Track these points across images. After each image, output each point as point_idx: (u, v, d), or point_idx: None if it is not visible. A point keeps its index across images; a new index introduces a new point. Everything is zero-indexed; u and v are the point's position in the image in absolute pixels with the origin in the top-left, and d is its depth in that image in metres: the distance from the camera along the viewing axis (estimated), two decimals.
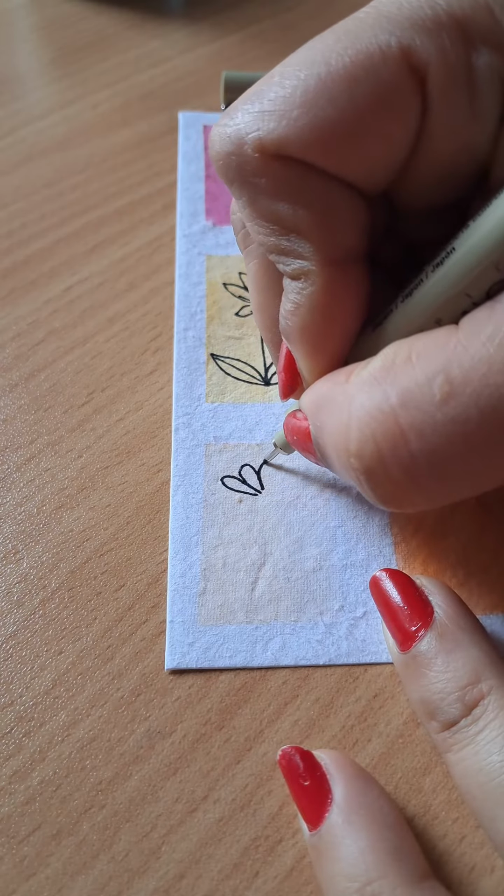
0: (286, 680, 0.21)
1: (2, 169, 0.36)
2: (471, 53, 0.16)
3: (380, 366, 0.17)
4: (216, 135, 0.18)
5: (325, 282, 0.18)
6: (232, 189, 0.19)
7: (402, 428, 0.16)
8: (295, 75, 0.17)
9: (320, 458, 0.20)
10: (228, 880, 0.18)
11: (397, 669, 0.20)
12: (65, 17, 0.46)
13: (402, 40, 0.16)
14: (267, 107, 0.17)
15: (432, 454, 0.16)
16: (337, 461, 0.18)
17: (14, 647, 0.21)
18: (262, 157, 0.17)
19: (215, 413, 0.27)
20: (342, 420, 0.17)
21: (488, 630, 0.20)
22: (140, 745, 0.20)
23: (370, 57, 0.16)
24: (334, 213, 0.18)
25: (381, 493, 0.17)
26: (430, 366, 0.15)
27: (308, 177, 0.18)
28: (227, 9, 0.48)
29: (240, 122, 0.18)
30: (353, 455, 0.17)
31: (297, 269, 0.19)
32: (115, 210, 0.34)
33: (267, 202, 0.18)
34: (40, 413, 0.27)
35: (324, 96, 0.17)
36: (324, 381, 0.19)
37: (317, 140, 0.17)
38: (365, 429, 0.16)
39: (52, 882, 0.18)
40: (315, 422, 0.19)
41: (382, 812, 0.17)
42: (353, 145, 0.17)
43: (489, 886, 0.18)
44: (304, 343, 0.20)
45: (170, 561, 0.23)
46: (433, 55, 0.16)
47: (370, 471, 0.17)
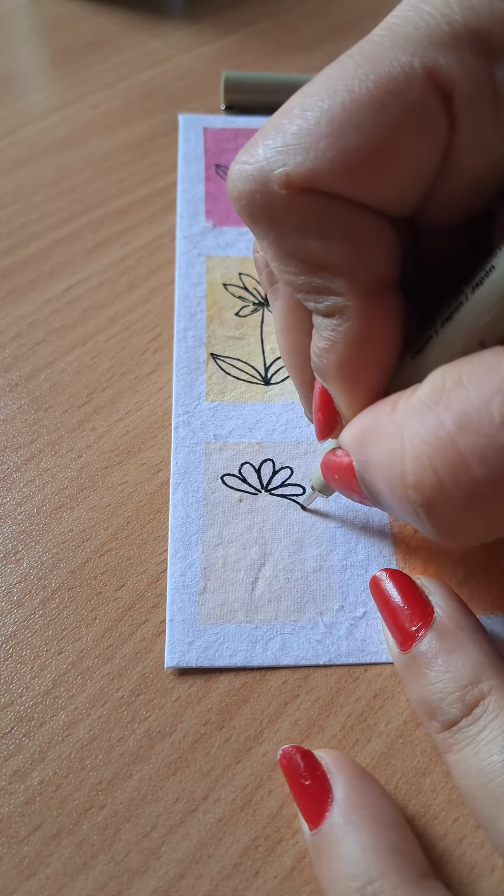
0: (286, 680, 0.21)
1: (2, 169, 0.36)
2: (492, 67, 0.16)
3: (429, 391, 0.16)
4: (236, 173, 0.18)
5: (361, 316, 0.18)
6: (256, 229, 0.18)
7: (462, 454, 0.15)
8: (317, 105, 0.16)
9: (367, 494, 0.19)
10: (228, 880, 0.18)
11: (397, 669, 0.20)
12: (65, 17, 0.46)
13: (426, 61, 0.16)
14: (291, 140, 0.17)
15: (495, 478, 0.15)
16: (390, 495, 0.17)
17: (14, 647, 0.21)
18: (290, 193, 0.17)
19: (215, 412, 0.27)
20: (394, 451, 0.16)
21: (488, 630, 0.20)
22: (140, 745, 0.20)
23: (394, 80, 0.16)
24: (366, 244, 0.18)
25: (441, 525, 0.16)
26: (484, 388, 0.15)
27: (337, 209, 0.17)
28: (227, 9, 0.48)
29: (262, 158, 0.17)
30: (410, 487, 0.16)
31: (330, 305, 0.18)
32: (115, 210, 0.34)
33: (296, 239, 0.17)
34: (40, 413, 0.27)
35: (350, 124, 0.16)
36: (366, 413, 0.18)
37: (346, 169, 0.16)
38: (422, 457, 0.16)
39: (52, 882, 0.18)
40: (360, 457, 0.18)
41: (383, 812, 0.17)
42: (383, 171, 0.17)
43: (489, 886, 0.18)
44: (341, 380, 0.19)
45: (170, 559, 0.23)
46: (457, 72, 0.16)
47: (430, 502, 0.16)
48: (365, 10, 0.49)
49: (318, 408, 0.21)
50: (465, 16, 0.16)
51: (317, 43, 0.45)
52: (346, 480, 0.19)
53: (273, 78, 0.40)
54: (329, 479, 0.21)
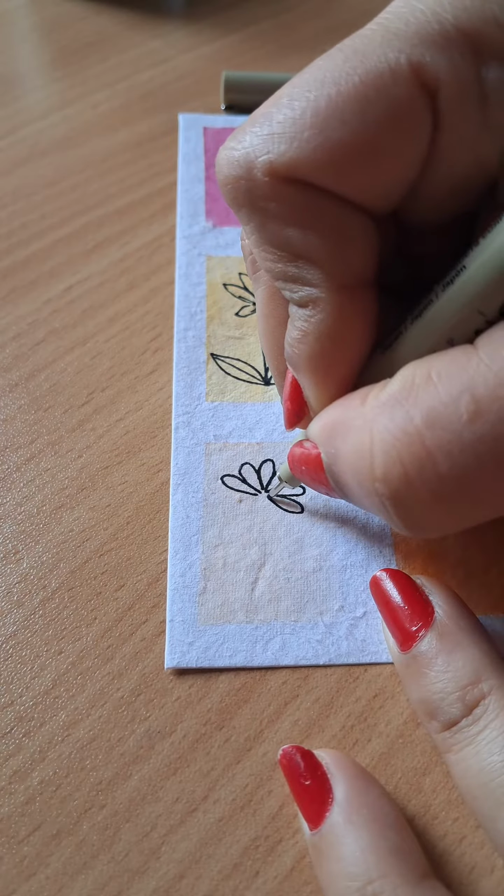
0: (286, 680, 0.21)
1: (2, 169, 0.36)
2: (481, 67, 0.16)
3: (399, 387, 0.16)
4: (223, 158, 0.18)
5: (334, 309, 0.18)
6: (240, 215, 0.18)
7: (429, 449, 0.15)
8: (304, 96, 0.17)
9: (334, 486, 0.19)
10: (228, 880, 0.18)
11: (398, 669, 0.20)
12: (65, 17, 0.46)
13: (412, 57, 0.16)
14: (276, 129, 0.17)
15: (461, 474, 0.15)
16: (358, 488, 0.17)
17: (14, 647, 0.21)
18: (273, 181, 0.17)
19: (215, 412, 0.27)
20: (363, 444, 0.17)
21: (488, 630, 0.20)
22: (140, 745, 0.20)
23: (380, 76, 0.16)
24: (345, 238, 0.18)
25: (408, 517, 0.17)
26: (453, 385, 0.15)
27: (319, 200, 0.17)
28: (227, 9, 0.48)
29: (248, 144, 0.17)
30: (378, 479, 0.16)
31: (305, 296, 0.18)
32: (115, 210, 0.34)
33: (276, 227, 0.18)
34: (40, 413, 0.27)
35: (335, 117, 0.16)
36: (335, 406, 0.19)
37: (329, 162, 0.16)
38: (390, 451, 0.16)
39: (52, 882, 0.18)
40: (328, 449, 0.18)
41: (383, 811, 0.17)
42: (365, 166, 0.17)
43: (489, 886, 0.18)
44: (311, 371, 0.19)
45: (170, 560, 0.23)
46: (444, 71, 0.16)
47: (397, 495, 0.16)
48: (365, 10, 0.49)
49: (288, 397, 0.21)
50: (457, 15, 0.16)
51: (317, 43, 0.45)
52: (314, 472, 0.19)
53: (273, 78, 0.40)
54: (296, 471, 0.21)
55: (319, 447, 0.19)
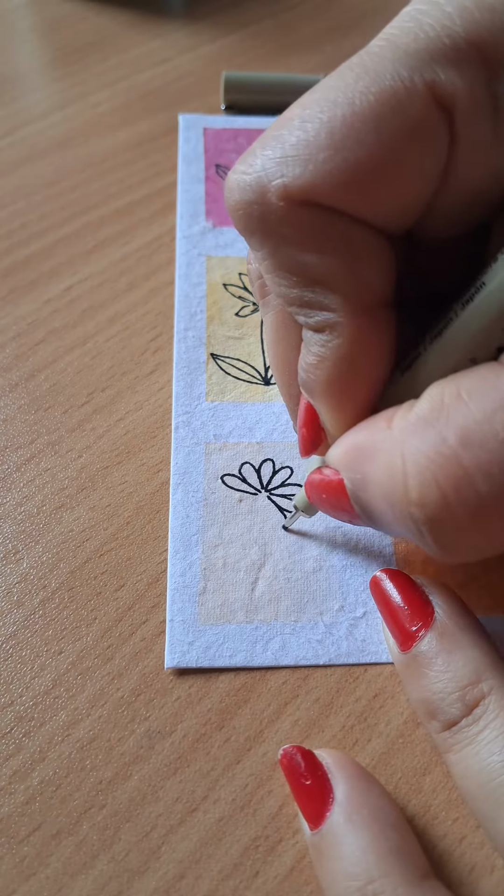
0: (286, 680, 0.21)
1: (2, 169, 0.36)
2: (493, 80, 0.16)
3: (428, 407, 0.16)
4: (234, 183, 0.17)
5: (353, 333, 0.18)
6: (252, 240, 0.18)
7: (466, 469, 0.15)
8: (317, 117, 0.16)
9: (361, 513, 0.18)
10: (228, 880, 0.18)
11: (398, 669, 0.20)
12: (65, 17, 0.46)
13: (426, 75, 0.16)
14: (290, 151, 0.16)
15: (500, 494, 0.15)
16: (391, 512, 0.17)
17: (14, 647, 0.21)
18: (287, 205, 0.16)
19: (215, 412, 0.27)
20: (394, 467, 0.16)
21: (489, 631, 0.20)
22: (140, 745, 0.20)
23: (395, 94, 0.16)
24: (362, 261, 0.17)
25: (444, 541, 0.16)
26: (485, 403, 0.15)
27: (335, 223, 0.17)
28: (227, 9, 0.48)
29: (260, 168, 0.17)
30: (413, 504, 0.16)
31: (322, 321, 0.18)
32: (115, 210, 0.34)
33: (291, 253, 0.17)
34: (40, 413, 0.27)
35: (351, 137, 0.16)
36: (359, 430, 0.18)
37: (346, 183, 0.16)
38: (425, 473, 0.15)
39: (52, 882, 0.18)
40: (353, 475, 0.18)
41: (384, 811, 0.17)
42: (383, 186, 0.16)
43: (489, 886, 0.18)
44: (329, 397, 0.19)
45: (170, 560, 0.23)
46: (458, 86, 0.16)
47: (435, 518, 0.16)
48: (365, 10, 0.49)
49: (303, 423, 0.20)
50: (466, 28, 0.16)
51: (317, 43, 0.45)
52: (336, 499, 0.19)
53: (273, 78, 0.40)
54: (315, 499, 0.20)
55: (342, 473, 0.18)
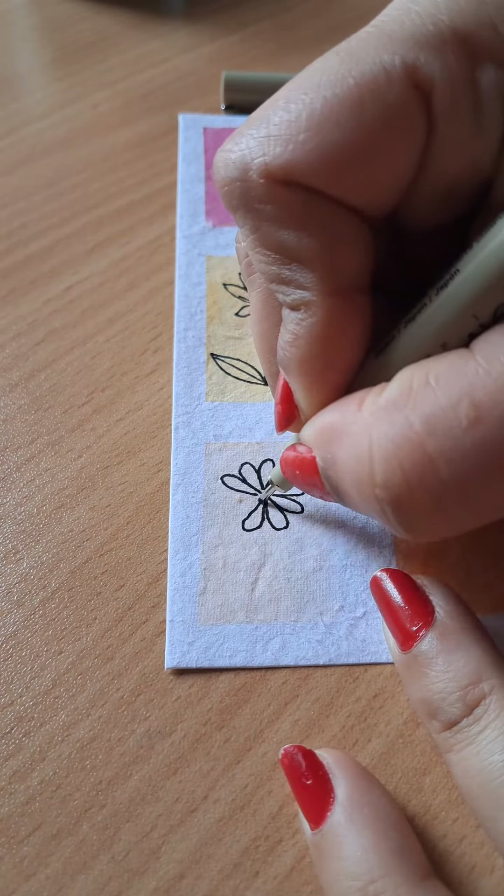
0: (286, 680, 0.21)
1: (2, 169, 0.36)
2: (475, 70, 0.16)
3: (397, 392, 0.16)
4: (220, 160, 0.18)
5: (327, 313, 0.18)
6: (236, 216, 0.18)
7: (430, 455, 0.15)
8: (300, 99, 0.17)
9: (330, 490, 0.19)
10: (228, 880, 0.18)
11: (398, 669, 0.20)
12: (65, 17, 0.46)
13: (407, 59, 0.16)
14: (273, 131, 0.17)
15: (462, 480, 0.15)
16: (356, 493, 0.17)
17: (14, 647, 0.21)
18: (268, 183, 0.17)
19: (215, 412, 0.27)
20: (361, 450, 0.17)
21: (489, 630, 0.20)
22: (140, 745, 0.20)
23: (375, 78, 0.16)
24: (339, 242, 0.18)
25: (407, 522, 0.17)
26: (452, 390, 0.15)
27: (314, 204, 0.17)
28: (227, 9, 0.48)
29: (245, 146, 0.17)
30: (378, 486, 0.16)
31: (297, 299, 0.18)
32: (115, 210, 0.34)
33: (271, 230, 0.18)
34: (40, 413, 0.27)
35: (330, 120, 0.16)
36: (331, 410, 0.19)
37: (324, 164, 0.16)
38: (390, 457, 0.16)
39: (52, 882, 0.18)
40: (324, 453, 0.18)
41: (385, 811, 0.17)
42: (360, 168, 0.17)
43: (489, 886, 0.18)
44: (302, 375, 0.19)
45: (170, 560, 0.23)
46: (437, 72, 0.16)
47: (398, 501, 0.16)
48: (365, 10, 0.49)
49: (279, 400, 0.21)
50: (452, 18, 0.16)
51: (317, 43, 0.45)
52: (308, 476, 0.19)
53: (273, 78, 0.40)
54: (289, 475, 0.21)
55: (314, 451, 0.19)
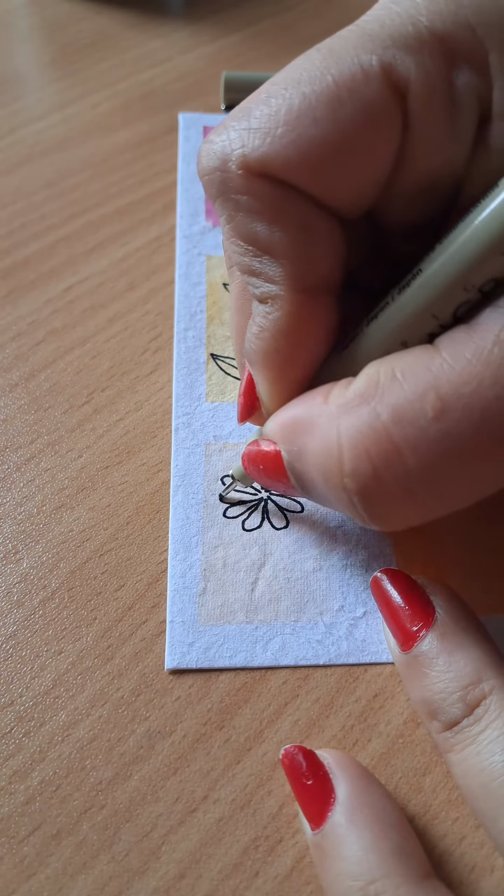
0: (286, 680, 0.21)
1: (2, 169, 0.36)
2: (452, 71, 0.16)
3: (364, 385, 0.17)
4: (204, 150, 0.18)
5: (292, 308, 0.18)
6: (215, 206, 0.19)
7: (396, 444, 0.16)
8: (280, 93, 0.17)
9: (296, 483, 0.19)
10: (228, 880, 0.18)
11: (398, 669, 0.20)
12: (65, 17, 0.46)
13: (384, 58, 0.16)
14: (253, 124, 0.17)
15: (428, 469, 0.16)
16: (324, 484, 0.18)
17: (14, 647, 0.21)
18: (246, 175, 0.17)
19: (215, 412, 0.27)
20: (329, 441, 0.17)
21: (489, 631, 0.20)
22: (140, 745, 0.20)
23: (353, 76, 0.16)
24: (311, 239, 0.18)
25: (375, 511, 0.17)
26: (418, 383, 0.16)
27: (289, 198, 0.17)
28: (227, 9, 0.48)
29: (226, 138, 0.18)
30: (346, 475, 0.17)
31: (265, 292, 0.18)
32: (115, 210, 0.34)
33: (245, 220, 0.18)
34: (40, 413, 0.27)
35: (308, 116, 0.17)
36: (296, 404, 0.19)
37: (301, 159, 0.17)
38: (358, 447, 0.16)
39: (52, 882, 0.18)
40: (290, 446, 0.19)
41: (385, 811, 0.17)
42: (336, 165, 0.17)
43: (489, 886, 0.18)
44: (265, 368, 0.19)
45: (170, 561, 0.23)
46: (414, 73, 0.16)
47: (366, 490, 0.17)
48: (365, 10, 0.49)
49: (243, 391, 0.21)
50: (431, 19, 0.16)
51: (316, 43, 0.45)
52: (273, 470, 0.20)
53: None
54: (252, 470, 0.21)
55: (279, 444, 0.19)
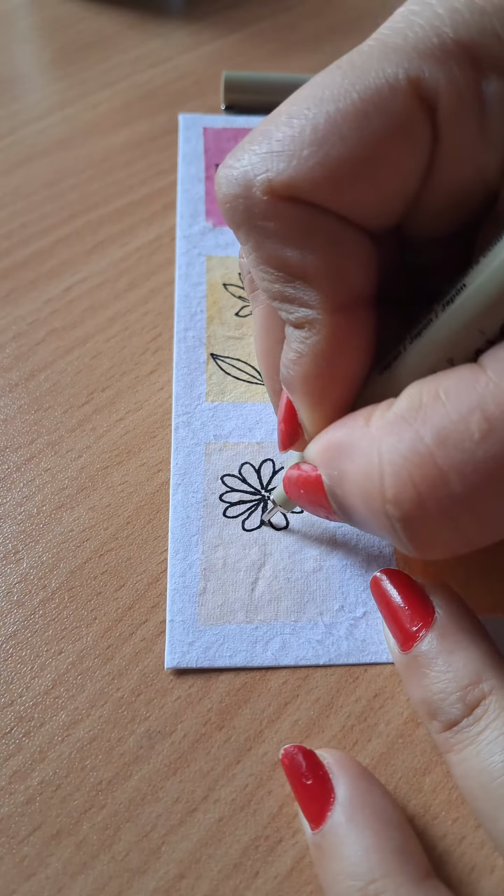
0: (286, 680, 0.21)
1: (2, 169, 0.36)
2: (480, 80, 0.16)
3: (406, 406, 0.16)
4: (222, 177, 0.18)
5: (331, 331, 0.18)
6: (238, 234, 0.18)
7: (441, 469, 0.15)
8: (303, 114, 0.16)
9: (337, 509, 0.18)
10: (228, 880, 0.18)
11: (398, 669, 0.20)
12: (65, 17, 0.46)
13: (410, 71, 0.16)
14: (276, 147, 0.17)
15: (474, 493, 0.15)
16: (365, 510, 0.17)
17: (14, 647, 0.21)
18: (271, 199, 0.17)
19: (215, 412, 0.27)
20: (370, 465, 0.16)
21: (489, 631, 0.20)
22: (140, 745, 0.20)
23: (379, 91, 0.16)
24: (344, 258, 0.17)
25: (419, 540, 0.16)
26: (462, 404, 0.15)
27: (318, 220, 0.17)
28: (227, 9, 0.48)
29: (247, 163, 0.17)
30: (389, 501, 0.16)
31: (301, 317, 0.18)
32: (115, 210, 0.34)
33: (274, 247, 0.17)
34: (40, 413, 0.27)
35: (335, 134, 0.16)
36: (337, 426, 0.18)
37: (329, 179, 0.16)
38: (401, 472, 0.16)
39: (52, 882, 0.18)
40: (331, 471, 0.18)
41: (386, 811, 0.17)
42: (365, 182, 0.17)
43: (489, 886, 0.18)
44: (306, 393, 0.19)
45: (170, 560, 0.23)
46: (442, 83, 0.16)
47: (409, 516, 0.16)
48: (365, 10, 0.49)
49: (283, 418, 0.21)
50: (456, 29, 0.16)
51: (317, 43, 0.45)
52: (314, 495, 0.19)
53: (273, 78, 0.40)
54: (294, 494, 0.20)
55: (320, 469, 0.18)
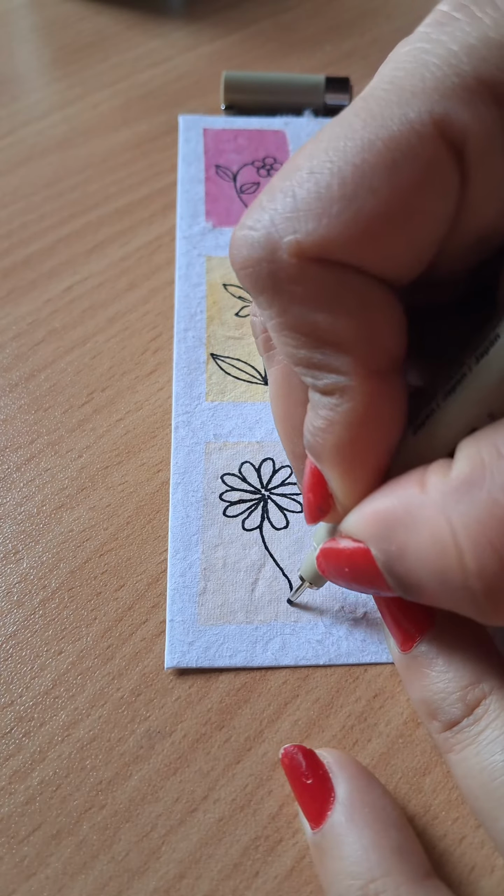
0: (286, 680, 0.21)
1: (2, 169, 0.36)
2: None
3: (469, 468, 0.15)
4: (241, 239, 0.16)
5: (365, 397, 0.16)
6: (260, 299, 0.17)
7: None
8: (326, 167, 0.15)
9: (397, 585, 0.17)
10: (228, 880, 0.18)
11: (398, 669, 0.20)
12: (65, 17, 0.46)
13: (435, 114, 0.15)
14: (301, 205, 0.15)
15: None
16: (440, 585, 0.16)
17: (14, 647, 0.21)
18: (300, 262, 0.15)
19: (215, 411, 0.27)
20: (441, 536, 0.15)
21: (489, 631, 0.20)
22: (140, 745, 0.20)
23: (405, 138, 0.15)
24: (376, 320, 0.16)
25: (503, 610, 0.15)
26: None
27: (348, 280, 0.16)
28: (227, 9, 0.48)
29: (269, 223, 0.16)
30: (472, 574, 0.15)
31: (331, 384, 0.16)
32: (115, 210, 0.34)
33: (302, 312, 0.16)
34: (40, 413, 0.27)
35: (364, 187, 0.15)
36: (384, 495, 0.17)
37: (361, 235, 0.15)
38: (480, 540, 0.14)
39: (52, 882, 0.18)
40: (387, 546, 0.16)
41: (385, 811, 0.17)
42: (398, 236, 0.15)
43: (489, 886, 0.18)
44: (339, 463, 0.17)
45: (170, 560, 0.23)
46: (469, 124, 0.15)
47: (496, 588, 0.15)
48: (365, 10, 0.49)
49: (309, 488, 0.19)
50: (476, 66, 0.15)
51: (317, 43, 0.45)
52: (362, 572, 0.17)
53: (273, 78, 0.40)
54: (334, 573, 0.19)
55: (370, 544, 0.17)
